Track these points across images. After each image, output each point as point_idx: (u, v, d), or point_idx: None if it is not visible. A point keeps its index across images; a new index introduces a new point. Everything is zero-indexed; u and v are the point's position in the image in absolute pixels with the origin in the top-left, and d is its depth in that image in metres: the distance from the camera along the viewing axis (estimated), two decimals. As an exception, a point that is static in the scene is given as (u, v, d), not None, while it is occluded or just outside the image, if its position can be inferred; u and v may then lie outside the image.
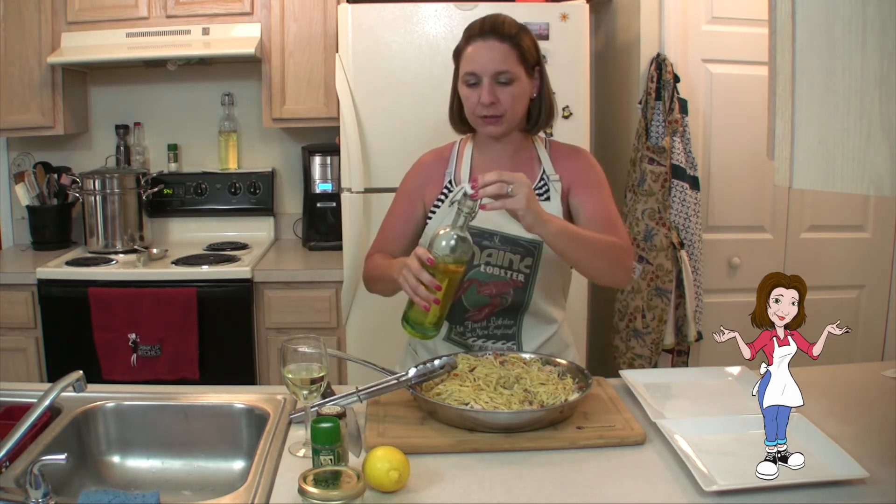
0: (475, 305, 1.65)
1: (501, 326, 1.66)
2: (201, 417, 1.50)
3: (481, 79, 1.58)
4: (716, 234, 2.94)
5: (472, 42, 1.60)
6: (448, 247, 1.41)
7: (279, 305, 2.83)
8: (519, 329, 1.67)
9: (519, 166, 1.65)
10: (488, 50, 1.57)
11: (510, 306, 1.65)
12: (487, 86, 1.57)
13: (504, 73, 1.57)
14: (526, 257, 1.62)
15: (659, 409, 1.44)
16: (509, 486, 1.18)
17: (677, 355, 2.87)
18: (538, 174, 1.67)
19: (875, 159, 1.01)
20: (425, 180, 1.73)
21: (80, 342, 2.76)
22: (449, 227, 1.43)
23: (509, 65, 1.57)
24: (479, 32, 1.59)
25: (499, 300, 1.63)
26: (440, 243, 1.42)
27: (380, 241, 1.75)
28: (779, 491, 1.14)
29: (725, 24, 2.84)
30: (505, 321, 1.66)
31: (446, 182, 1.70)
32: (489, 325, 1.66)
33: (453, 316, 1.66)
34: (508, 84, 1.57)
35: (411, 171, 1.78)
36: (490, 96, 1.57)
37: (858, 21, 1.01)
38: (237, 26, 3.00)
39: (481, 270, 1.63)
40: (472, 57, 1.59)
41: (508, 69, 1.57)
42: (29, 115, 3.02)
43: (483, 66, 1.57)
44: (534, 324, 1.68)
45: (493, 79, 1.57)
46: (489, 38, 1.57)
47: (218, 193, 3.31)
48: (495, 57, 1.57)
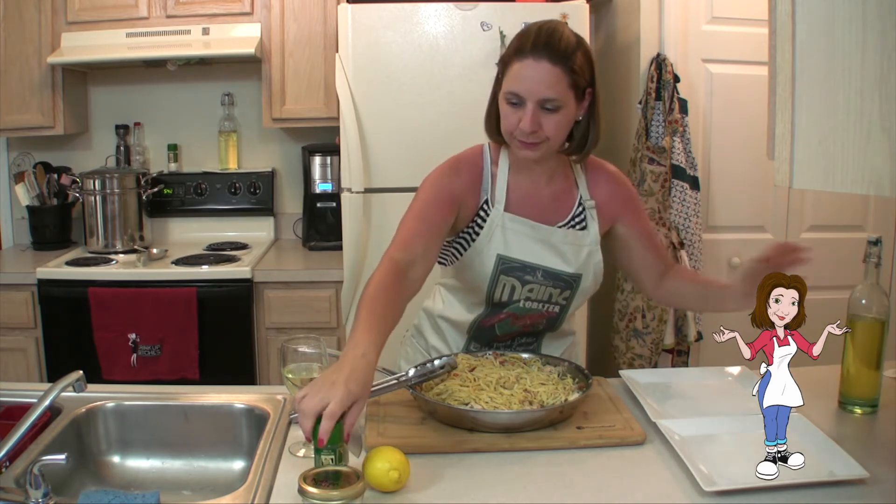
0: (506, 333, 1.62)
1: (524, 344, 1.65)
2: (201, 417, 1.50)
3: (525, 102, 1.42)
4: (716, 234, 2.94)
5: (522, 58, 1.41)
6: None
7: (279, 305, 2.83)
8: (539, 345, 1.66)
9: (556, 194, 1.58)
10: (538, 71, 1.39)
11: (541, 329, 1.64)
12: (531, 111, 1.41)
13: (551, 101, 1.41)
14: (565, 290, 1.57)
15: (659, 409, 1.43)
16: (509, 486, 1.18)
17: (677, 355, 2.86)
18: (576, 201, 1.58)
19: (875, 159, 1.01)
20: (467, 184, 1.54)
21: (80, 342, 2.76)
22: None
23: (558, 91, 1.40)
24: (531, 48, 1.40)
25: (530, 328, 1.62)
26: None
27: (400, 244, 1.45)
28: (779, 491, 1.14)
29: (725, 24, 2.84)
30: (527, 339, 1.66)
31: (482, 201, 1.54)
32: (513, 344, 1.65)
33: (480, 338, 1.64)
34: (554, 111, 1.42)
35: (449, 170, 1.56)
36: (532, 125, 1.41)
37: (858, 21, 1.01)
38: (237, 26, 3.00)
39: (521, 306, 1.57)
40: (518, 76, 1.41)
41: (557, 97, 1.40)
42: (29, 115, 3.02)
43: (529, 90, 1.41)
44: (555, 338, 1.68)
45: (537, 104, 1.41)
46: (541, 57, 1.39)
47: (218, 193, 3.31)
48: (545, 81, 1.39)
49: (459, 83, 2.61)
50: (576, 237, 1.57)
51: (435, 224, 1.49)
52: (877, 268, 1.42)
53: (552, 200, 1.58)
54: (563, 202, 1.58)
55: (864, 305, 1.42)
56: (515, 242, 1.54)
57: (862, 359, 1.43)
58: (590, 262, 1.57)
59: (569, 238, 1.56)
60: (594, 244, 1.58)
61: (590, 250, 1.57)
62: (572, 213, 1.58)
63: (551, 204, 1.58)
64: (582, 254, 1.57)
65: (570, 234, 1.56)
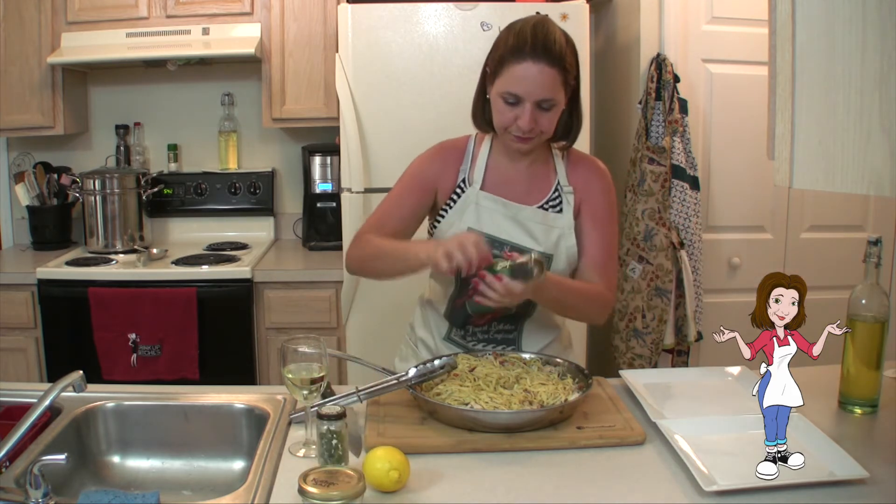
0: (478, 312, 1.63)
1: (502, 331, 1.66)
2: (201, 417, 1.50)
3: (523, 101, 1.49)
4: (716, 234, 2.94)
5: (520, 59, 1.47)
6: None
7: (279, 305, 2.83)
8: (519, 334, 1.67)
9: (534, 176, 1.64)
10: (538, 74, 1.46)
11: (514, 314, 1.64)
12: (529, 111, 1.49)
13: (548, 101, 1.49)
14: None
15: (659, 409, 1.44)
16: (509, 486, 1.18)
17: (677, 355, 2.87)
18: (553, 185, 1.63)
19: (875, 159, 1.01)
20: (441, 168, 1.65)
21: (80, 342, 2.76)
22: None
23: (554, 92, 1.49)
24: (530, 51, 1.47)
25: (503, 309, 1.61)
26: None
27: (375, 223, 1.63)
28: (779, 491, 1.14)
29: (725, 24, 2.84)
30: (506, 326, 1.66)
31: (459, 180, 1.64)
32: (490, 330, 1.66)
33: (455, 319, 1.66)
34: (549, 109, 1.50)
35: (428, 155, 1.69)
36: (531, 123, 1.49)
37: (858, 21, 1.01)
38: (237, 26, 3.00)
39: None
40: (518, 78, 1.48)
41: (553, 97, 1.49)
42: (29, 115, 3.02)
43: (529, 91, 1.48)
44: (535, 329, 1.68)
45: (534, 104, 1.49)
46: (540, 60, 1.46)
47: (218, 193, 3.31)
48: (544, 83, 1.47)
49: (459, 83, 2.60)
50: (547, 218, 1.61)
51: (409, 207, 1.64)
52: (877, 268, 1.42)
53: (529, 182, 1.64)
54: (540, 184, 1.64)
55: (864, 305, 1.43)
56: (487, 218, 1.60)
57: (862, 359, 1.43)
58: (561, 245, 1.61)
59: (538, 218, 1.61)
60: (567, 228, 1.61)
61: (561, 233, 1.61)
62: (548, 197, 1.63)
63: (528, 185, 1.64)
64: (552, 235, 1.61)
65: (540, 213, 1.61)
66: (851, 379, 1.45)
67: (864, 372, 1.43)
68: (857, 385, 1.44)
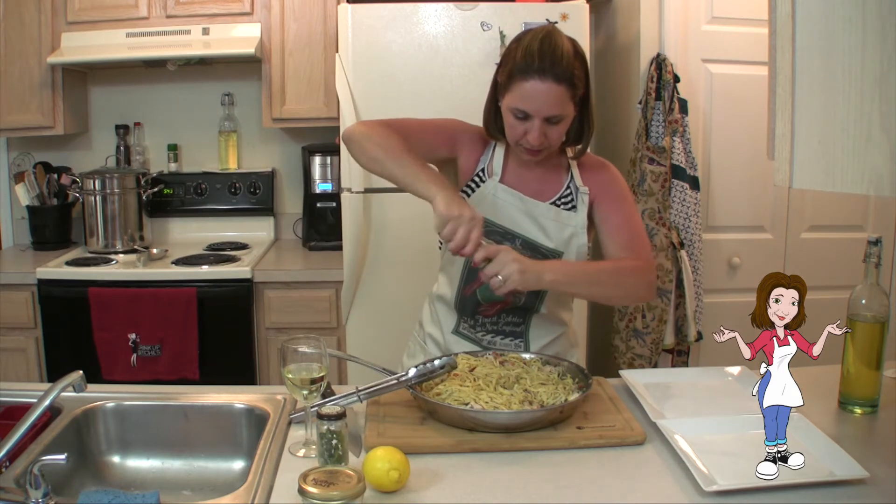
0: (488, 301, 1.65)
1: (511, 324, 1.67)
2: (201, 417, 1.50)
3: (532, 118, 1.51)
4: (716, 234, 2.94)
5: (528, 77, 1.48)
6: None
7: (279, 305, 2.83)
8: (527, 327, 1.68)
9: (546, 174, 1.65)
10: (545, 92, 1.48)
11: (521, 306, 1.65)
12: (538, 127, 1.51)
13: (556, 116, 1.51)
14: None
15: (659, 409, 1.44)
16: (509, 486, 1.18)
17: (677, 355, 2.87)
18: (565, 183, 1.65)
19: (875, 159, 1.01)
20: (471, 147, 1.66)
21: (80, 342, 2.76)
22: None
23: (563, 108, 1.50)
24: (537, 69, 1.47)
25: (512, 299, 1.62)
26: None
27: (397, 126, 1.58)
28: (779, 491, 1.14)
29: (725, 24, 2.84)
30: (514, 318, 1.67)
31: (478, 169, 1.65)
32: (499, 322, 1.67)
33: (465, 309, 1.68)
34: (558, 123, 1.52)
35: (468, 127, 1.69)
36: (540, 139, 1.51)
37: (858, 21, 1.01)
38: (237, 26, 3.00)
39: None
40: (526, 95, 1.49)
41: (562, 112, 1.51)
42: (29, 115, 3.02)
43: (537, 109, 1.49)
44: (542, 324, 1.69)
45: (543, 120, 1.51)
46: (548, 77, 1.47)
47: (218, 193, 3.31)
48: (551, 100, 1.48)
49: (459, 83, 2.61)
50: (560, 215, 1.63)
51: (427, 144, 1.62)
52: (877, 268, 1.42)
53: (541, 179, 1.66)
54: (552, 181, 1.66)
55: (864, 305, 1.43)
56: (503, 211, 1.62)
57: (862, 359, 1.43)
58: (572, 243, 1.62)
59: (552, 214, 1.63)
60: (580, 227, 1.63)
61: (574, 232, 1.63)
62: (560, 193, 1.64)
63: (541, 182, 1.65)
64: (565, 233, 1.62)
65: (553, 210, 1.63)
66: (851, 379, 1.45)
67: (864, 372, 1.43)
68: (857, 385, 1.44)
